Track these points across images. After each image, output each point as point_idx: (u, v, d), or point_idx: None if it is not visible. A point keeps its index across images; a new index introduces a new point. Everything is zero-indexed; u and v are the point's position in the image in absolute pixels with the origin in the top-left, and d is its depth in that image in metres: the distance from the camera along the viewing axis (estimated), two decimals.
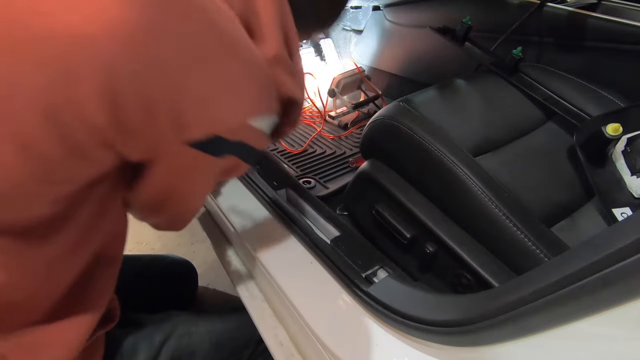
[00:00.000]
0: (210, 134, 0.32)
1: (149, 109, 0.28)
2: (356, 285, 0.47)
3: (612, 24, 0.74)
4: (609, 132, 0.53)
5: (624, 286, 0.22)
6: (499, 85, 0.71)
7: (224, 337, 0.58)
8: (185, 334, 0.54)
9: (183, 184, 0.38)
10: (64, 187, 0.31)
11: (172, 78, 0.28)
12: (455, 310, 0.37)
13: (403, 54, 1.24)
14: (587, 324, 0.25)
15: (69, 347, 0.37)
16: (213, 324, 0.58)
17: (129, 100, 0.27)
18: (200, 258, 1.19)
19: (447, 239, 0.52)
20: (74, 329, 0.38)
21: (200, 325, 0.56)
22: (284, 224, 0.61)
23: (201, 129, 0.32)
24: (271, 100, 0.37)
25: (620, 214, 0.52)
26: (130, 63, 0.26)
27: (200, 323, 0.57)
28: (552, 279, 0.27)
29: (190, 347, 0.53)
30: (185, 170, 0.36)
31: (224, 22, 0.31)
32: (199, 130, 0.31)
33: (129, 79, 0.26)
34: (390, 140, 0.60)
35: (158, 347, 0.50)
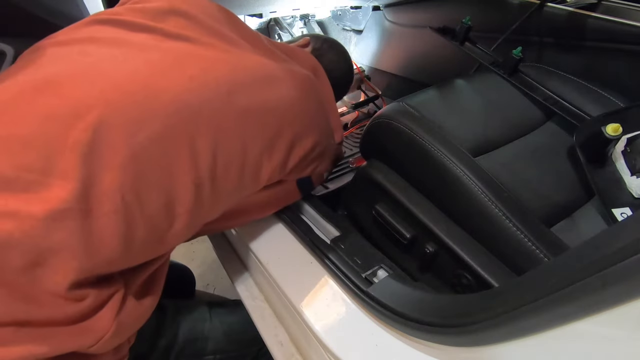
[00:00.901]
0: (310, 174, 0.60)
1: (300, 158, 0.52)
2: (356, 285, 0.47)
3: (612, 24, 0.74)
4: (609, 132, 0.53)
5: (624, 286, 0.22)
6: (499, 85, 0.71)
7: (234, 329, 0.60)
8: (201, 319, 0.58)
9: (269, 205, 0.59)
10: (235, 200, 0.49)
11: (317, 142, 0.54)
12: (455, 311, 0.37)
13: (403, 54, 1.24)
14: (587, 324, 0.25)
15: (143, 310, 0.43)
16: (225, 316, 0.61)
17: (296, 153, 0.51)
18: (200, 258, 1.19)
19: (447, 239, 0.52)
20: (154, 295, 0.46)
21: (213, 314, 0.59)
22: (284, 224, 0.61)
23: (310, 171, 0.58)
24: (333, 163, 0.67)
25: (620, 214, 0.52)
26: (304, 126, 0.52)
27: (213, 313, 0.60)
28: (552, 279, 0.27)
29: (204, 333, 0.57)
30: (280, 196, 0.60)
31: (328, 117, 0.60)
32: (309, 171, 0.58)
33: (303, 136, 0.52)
34: (390, 140, 0.60)
35: (177, 327, 0.54)
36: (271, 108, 0.47)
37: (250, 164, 0.46)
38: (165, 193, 0.39)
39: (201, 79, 0.42)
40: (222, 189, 0.44)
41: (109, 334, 0.38)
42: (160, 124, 0.38)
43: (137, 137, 0.37)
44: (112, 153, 0.36)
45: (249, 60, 0.47)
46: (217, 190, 0.43)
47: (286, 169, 0.51)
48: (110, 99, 0.37)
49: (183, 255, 1.19)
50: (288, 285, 0.53)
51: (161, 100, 0.39)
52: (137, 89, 0.38)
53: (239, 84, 0.44)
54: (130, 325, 0.41)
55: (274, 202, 0.60)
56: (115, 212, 0.36)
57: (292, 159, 0.51)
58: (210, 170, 0.42)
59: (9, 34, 0.58)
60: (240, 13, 0.93)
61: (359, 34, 1.37)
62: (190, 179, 0.40)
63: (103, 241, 0.36)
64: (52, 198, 0.33)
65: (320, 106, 0.56)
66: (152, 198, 0.38)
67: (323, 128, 0.57)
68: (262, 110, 0.46)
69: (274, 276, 0.54)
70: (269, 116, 0.47)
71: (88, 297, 0.36)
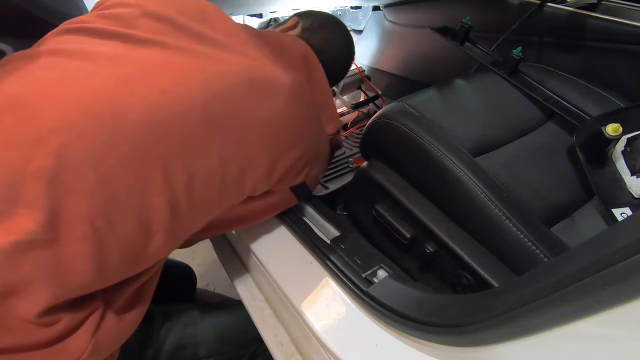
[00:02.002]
0: (304, 180, 0.55)
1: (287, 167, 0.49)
2: (356, 285, 0.47)
3: (612, 24, 0.74)
4: (609, 132, 0.53)
5: (624, 286, 0.22)
6: (499, 86, 0.71)
7: (228, 331, 0.59)
8: (191, 324, 0.56)
9: (265, 213, 0.58)
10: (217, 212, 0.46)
11: (305, 148, 0.51)
12: (455, 311, 0.37)
13: (403, 54, 1.24)
14: (587, 324, 0.25)
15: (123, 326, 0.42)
16: (218, 317, 0.60)
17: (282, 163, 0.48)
18: (200, 258, 1.19)
19: (447, 239, 0.52)
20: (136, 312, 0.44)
21: (205, 317, 0.58)
22: (284, 224, 0.61)
23: (303, 178, 0.54)
24: (328, 164, 0.62)
25: (620, 214, 0.52)
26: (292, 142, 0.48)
27: (205, 316, 0.58)
28: (552, 279, 0.27)
29: (196, 338, 0.55)
30: (276, 204, 0.57)
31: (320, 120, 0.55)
32: (301, 178, 0.54)
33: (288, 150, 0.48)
34: (390, 140, 0.60)
35: (165, 334, 0.53)
36: (252, 120, 0.43)
37: (231, 177, 0.43)
38: (138, 215, 0.37)
39: (173, 93, 0.38)
40: (201, 204, 0.42)
41: (85, 354, 0.37)
42: (130, 146, 0.36)
43: (105, 161, 0.35)
44: (78, 179, 0.34)
45: (229, 64, 0.43)
46: (195, 206, 0.41)
47: (272, 179, 0.49)
48: (74, 121, 0.34)
49: (183, 255, 1.19)
50: (288, 285, 0.53)
51: (130, 120, 0.36)
52: (104, 108, 0.36)
53: (216, 94, 0.40)
54: (110, 343, 0.41)
55: (270, 209, 0.58)
56: (84, 239, 0.34)
57: (277, 169, 0.48)
58: (186, 189, 0.39)
59: (9, 34, 0.58)
60: (240, 13, 0.93)
61: (359, 34, 1.37)
62: (165, 199, 0.38)
63: (74, 268, 0.35)
64: (17, 229, 0.32)
65: (310, 110, 0.51)
66: (124, 221, 0.36)
67: (313, 133, 0.53)
68: (241, 122, 0.42)
69: (274, 276, 0.54)
70: (250, 129, 0.43)
71: (61, 320, 0.36)
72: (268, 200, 0.55)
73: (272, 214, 0.59)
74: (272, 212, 0.59)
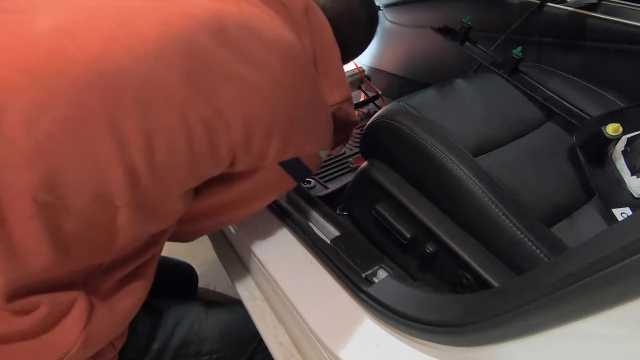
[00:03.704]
0: (295, 156, 0.46)
1: (268, 135, 0.41)
2: (356, 285, 0.47)
3: (612, 24, 0.74)
4: (609, 132, 0.53)
5: (624, 286, 0.22)
6: (499, 85, 0.71)
7: (232, 328, 0.59)
8: (197, 321, 0.56)
9: (260, 193, 0.50)
10: (192, 183, 0.40)
11: (290, 117, 0.42)
12: (455, 310, 0.37)
13: (403, 54, 1.24)
14: (587, 324, 0.25)
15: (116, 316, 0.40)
16: (222, 314, 0.59)
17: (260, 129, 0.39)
18: (200, 258, 1.19)
19: (447, 239, 0.52)
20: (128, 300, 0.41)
21: (210, 314, 0.58)
22: (284, 224, 0.61)
23: (293, 153, 0.46)
24: (331, 138, 0.51)
25: (620, 214, 0.52)
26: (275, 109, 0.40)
27: (210, 312, 0.58)
28: (552, 278, 0.27)
29: (201, 334, 0.55)
30: (266, 184, 0.49)
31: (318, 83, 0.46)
32: (291, 153, 0.45)
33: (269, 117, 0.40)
34: (390, 140, 0.60)
35: (171, 329, 0.52)
36: (221, 75, 0.36)
37: (199, 139, 0.36)
38: (92, 188, 0.33)
39: (121, 40, 0.32)
40: (168, 171, 0.36)
41: (76, 347, 0.34)
42: (68, 105, 0.30)
43: (40, 124, 0.29)
44: (11, 147, 0.29)
45: (194, 4, 0.36)
46: (161, 175, 0.36)
47: (252, 149, 0.41)
48: (5, 78, 0.30)
49: (183, 255, 1.19)
50: (288, 285, 0.53)
51: (69, 75, 0.30)
52: (39, 63, 0.30)
53: (172, 41, 0.33)
54: (103, 335, 0.38)
55: (263, 190, 0.50)
56: (30, 218, 0.30)
57: (255, 137, 0.40)
58: (146, 155, 0.34)
59: None
60: None
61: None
62: (121, 169, 0.33)
63: (28, 249, 0.31)
64: None
65: (304, 73, 0.43)
66: (75, 195, 0.32)
67: (305, 100, 0.44)
68: (207, 76, 0.35)
69: (274, 276, 0.54)
70: (218, 85, 0.36)
71: (40, 306, 0.33)
72: (257, 179, 0.47)
73: (267, 197, 0.53)
74: (267, 195, 0.53)
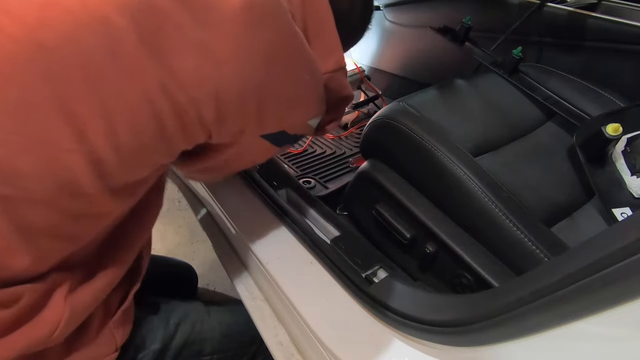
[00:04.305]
0: (279, 129, 0.42)
1: (243, 111, 0.36)
2: (356, 285, 0.47)
3: (612, 24, 0.74)
4: (609, 132, 0.53)
5: (624, 286, 0.22)
6: (499, 85, 0.71)
7: (234, 329, 0.59)
8: (199, 321, 0.55)
9: (245, 159, 0.48)
10: (165, 159, 0.37)
11: (264, 89, 0.36)
12: (455, 310, 0.37)
13: (403, 54, 1.24)
14: (587, 324, 0.25)
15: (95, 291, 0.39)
16: (223, 315, 0.59)
17: (232, 104, 0.35)
18: (200, 258, 1.19)
19: (447, 239, 0.52)
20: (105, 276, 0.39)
21: (212, 314, 0.57)
22: (284, 224, 0.61)
23: (275, 126, 0.42)
24: (323, 105, 0.46)
25: (620, 214, 0.52)
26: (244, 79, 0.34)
27: (212, 313, 0.58)
28: (552, 279, 0.27)
29: (203, 334, 0.55)
30: (251, 152, 0.46)
31: (303, 45, 0.39)
32: (273, 127, 0.42)
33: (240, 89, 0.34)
34: (390, 140, 0.60)
35: (173, 329, 0.52)
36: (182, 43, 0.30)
37: (167, 116, 0.32)
38: (54, 177, 0.30)
39: (59, 3, 0.27)
40: (138, 155, 0.33)
41: (58, 330, 0.34)
42: (11, 87, 0.27)
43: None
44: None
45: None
46: (131, 159, 0.33)
47: (227, 125, 0.36)
48: None
49: (183, 255, 1.19)
50: (288, 285, 0.53)
51: (5, 52, 0.26)
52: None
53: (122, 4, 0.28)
54: (84, 310, 0.38)
55: (250, 155, 0.47)
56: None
57: (230, 112, 0.35)
58: (109, 140, 0.30)
59: None
60: None
61: None
62: (80, 156, 0.29)
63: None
64: None
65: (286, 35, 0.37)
66: (37, 186, 0.29)
67: (282, 69, 0.37)
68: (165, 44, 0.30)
69: (274, 276, 0.54)
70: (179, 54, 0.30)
71: (22, 297, 0.32)
72: (241, 147, 0.42)
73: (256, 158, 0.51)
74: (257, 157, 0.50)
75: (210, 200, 0.75)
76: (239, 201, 0.68)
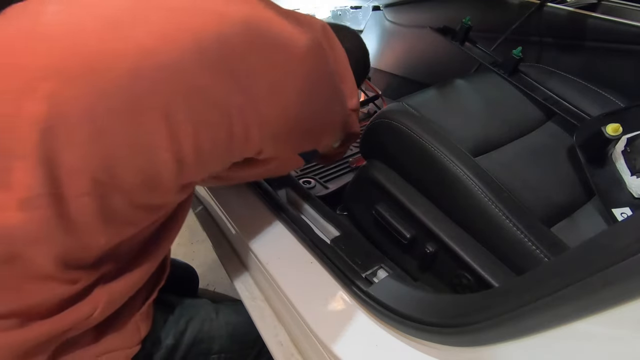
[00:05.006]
0: (313, 148, 0.54)
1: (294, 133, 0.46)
2: (356, 285, 0.47)
3: (612, 24, 0.74)
4: (609, 132, 0.53)
5: (624, 286, 0.22)
6: (499, 85, 0.71)
7: (239, 330, 0.60)
8: (208, 319, 0.56)
9: (277, 172, 0.58)
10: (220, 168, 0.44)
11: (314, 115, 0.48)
12: (455, 311, 0.37)
13: (403, 54, 1.24)
14: (587, 324, 0.25)
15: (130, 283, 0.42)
16: (230, 315, 0.60)
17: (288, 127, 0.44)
18: (200, 258, 1.19)
19: (447, 239, 0.52)
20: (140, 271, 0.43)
21: (219, 314, 0.59)
22: (284, 224, 0.61)
23: (312, 145, 0.53)
24: (344, 132, 0.60)
25: (620, 214, 0.52)
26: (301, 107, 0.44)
27: (219, 312, 0.59)
28: (552, 279, 0.27)
29: (211, 333, 0.56)
30: (286, 166, 0.57)
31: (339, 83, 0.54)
32: (310, 146, 0.53)
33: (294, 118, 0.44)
34: (391, 141, 0.60)
35: (184, 326, 0.53)
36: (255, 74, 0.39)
37: (238, 132, 0.39)
38: (144, 172, 0.35)
39: (167, 34, 0.34)
40: (209, 158, 0.40)
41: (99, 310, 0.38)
42: (126, 95, 0.33)
43: (99, 111, 0.32)
44: (73, 129, 0.32)
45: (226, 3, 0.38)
46: (202, 161, 0.39)
47: (279, 142, 0.45)
48: (63, 68, 0.32)
49: (183, 256, 1.19)
50: (288, 285, 0.53)
51: (124, 67, 0.33)
52: (93, 54, 0.33)
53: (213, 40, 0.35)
54: (121, 297, 0.41)
55: (277, 171, 0.57)
56: (87, 194, 0.33)
57: (283, 132, 0.44)
58: (193, 143, 0.37)
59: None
60: None
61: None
62: (171, 155, 0.36)
63: (82, 224, 0.34)
64: (18, 184, 0.31)
65: (326, 74, 0.49)
66: (128, 177, 0.35)
67: (327, 97, 0.50)
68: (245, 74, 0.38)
69: (274, 276, 0.54)
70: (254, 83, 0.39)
71: (80, 280, 0.36)
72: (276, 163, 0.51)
73: (279, 172, 0.60)
74: (280, 172, 0.59)
75: (210, 201, 0.75)
76: (239, 201, 0.68)
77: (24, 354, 0.35)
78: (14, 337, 0.34)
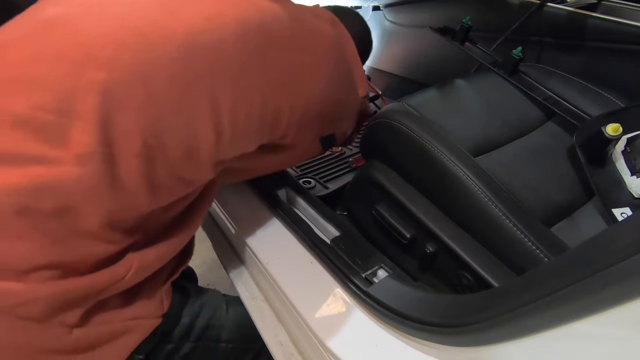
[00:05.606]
0: (332, 132, 0.59)
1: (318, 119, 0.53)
2: (356, 285, 0.47)
3: (612, 24, 0.74)
4: (609, 132, 0.53)
5: (624, 286, 0.22)
6: (499, 85, 0.71)
7: (244, 322, 0.60)
8: (219, 307, 0.58)
9: (295, 160, 0.64)
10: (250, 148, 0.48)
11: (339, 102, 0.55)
12: (455, 311, 0.37)
13: (403, 54, 1.24)
14: (587, 324, 0.25)
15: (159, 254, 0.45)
16: (237, 307, 0.61)
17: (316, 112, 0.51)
18: (200, 258, 1.19)
19: (447, 239, 0.52)
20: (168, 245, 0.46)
21: (229, 305, 0.60)
22: (284, 224, 0.61)
23: (332, 130, 0.58)
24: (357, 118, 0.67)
25: (620, 214, 0.52)
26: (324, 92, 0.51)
27: (229, 303, 0.60)
28: (552, 279, 0.27)
29: (221, 321, 0.57)
30: (305, 153, 0.61)
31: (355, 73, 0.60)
32: (330, 131, 0.58)
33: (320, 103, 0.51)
34: (391, 140, 0.60)
35: (198, 309, 0.55)
36: (293, 65, 0.45)
37: (269, 113, 0.44)
38: (187, 140, 0.39)
39: (213, 16, 0.39)
40: (241, 135, 0.44)
41: (130, 274, 0.40)
42: (178, 67, 0.37)
43: (153, 79, 0.36)
44: (128, 94, 0.35)
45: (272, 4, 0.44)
46: (236, 137, 0.43)
47: (303, 125, 0.50)
48: (122, 39, 0.36)
49: None
50: (288, 285, 0.53)
51: (176, 42, 0.37)
52: (149, 29, 0.37)
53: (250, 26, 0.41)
54: (149, 268, 0.44)
55: (297, 158, 0.62)
56: (137, 156, 0.36)
57: (310, 115, 0.50)
58: (231, 118, 0.41)
59: None
60: None
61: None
62: (211, 126, 0.40)
63: (129, 185, 0.37)
64: (76, 142, 0.33)
65: (344, 62, 0.55)
66: (173, 144, 0.38)
67: (346, 85, 0.56)
68: (282, 63, 0.44)
69: (274, 276, 0.54)
70: (287, 69, 0.45)
71: (118, 241, 0.39)
72: (297, 149, 0.56)
73: (298, 161, 0.67)
74: (300, 159, 0.66)
75: None
76: (239, 201, 0.68)
77: (64, 304, 0.37)
78: (57, 287, 0.35)
